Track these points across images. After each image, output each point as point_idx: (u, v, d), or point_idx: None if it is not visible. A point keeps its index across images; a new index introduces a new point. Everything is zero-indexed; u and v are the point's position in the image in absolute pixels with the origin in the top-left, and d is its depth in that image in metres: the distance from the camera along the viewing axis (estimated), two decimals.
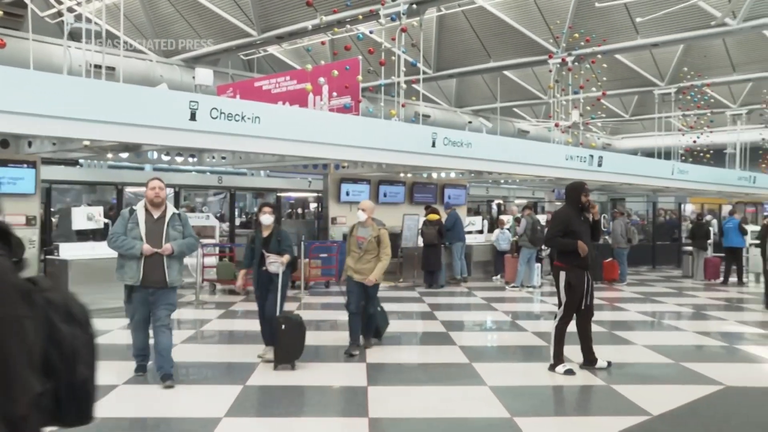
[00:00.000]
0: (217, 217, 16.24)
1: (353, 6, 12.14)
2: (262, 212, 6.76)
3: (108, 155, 11.70)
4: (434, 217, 13.26)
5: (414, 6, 11.95)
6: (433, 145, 11.36)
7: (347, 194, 14.53)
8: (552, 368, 6.35)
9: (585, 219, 6.53)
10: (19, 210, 9.96)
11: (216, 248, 13.42)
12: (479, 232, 16.31)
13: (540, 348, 7.53)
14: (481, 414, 5.17)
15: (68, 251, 9.86)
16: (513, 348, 8.18)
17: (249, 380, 5.95)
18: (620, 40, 15.19)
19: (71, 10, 9.72)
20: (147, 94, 8.44)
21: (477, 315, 10.81)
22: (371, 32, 12.65)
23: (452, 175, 16.32)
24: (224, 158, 12.78)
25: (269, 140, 9.19)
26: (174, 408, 5.28)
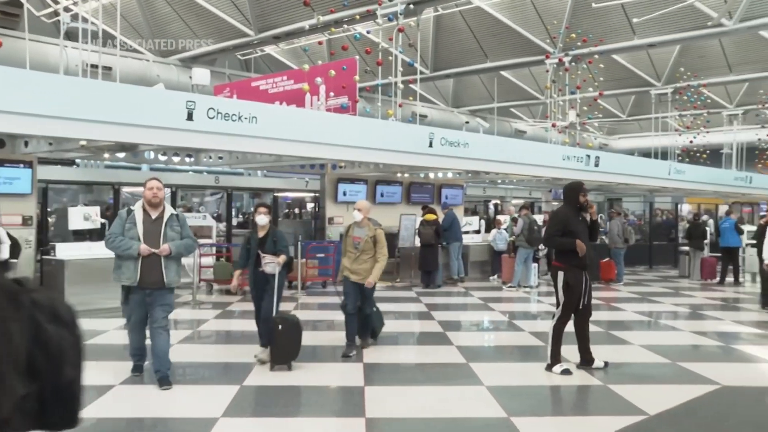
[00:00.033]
0: (214, 217, 16.21)
1: (350, 6, 12.14)
2: (258, 212, 6.74)
3: (105, 155, 11.69)
4: (431, 217, 13.27)
5: (411, 6, 11.96)
6: (430, 145, 11.36)
7: (344, 194, 14.52)
8: (549, 368, 6.36)
9: (583, 219, 6.54)
10: (16, 210, 9.94)
11: (213, 248, 13.42)
12: (476, 232, 16.33)
13: (537, 348, 7.53)
14: (478, 414, 5.17)
15: (65, 251, 9.85)
16: (510, 348, 8.19)
17: (246, 380, 5.94)
18: (617, 41, 15.21)
19: (67, 10, 9.70)
20: (144, 94, 8.42)
21: (474, 315, 10.82)
22: (368, 32, 12.65)
23: (449, 175, 16.33)
24: (221, 158, 12.77)
25: (266, 140, 9.18)
26: (171, 408, 5.27)
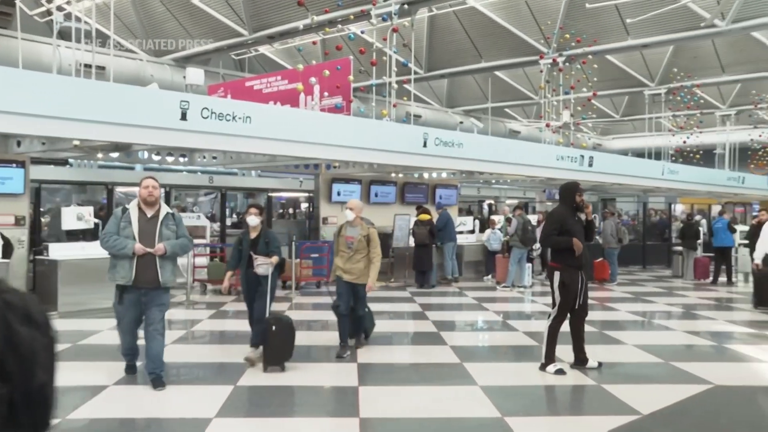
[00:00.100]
0: (208, 217, 16.18)
1: (344, 6, 12.13)
2: (249, 213, 6.72)
3: (98, 155, 11.64)
4: (425, 217, 13.28)
5: (405, 6, 11.96)
6: (425, 146, 11.37)
7: (338, 194, 14.52)
8: (543, 368, 6.37)
9: (579, 219, 6.56)
10: (8, 210, 9.90)
11: (207, 248, 13.40)
12: (470, 232, 16.34)
13: (531, 348, 7.55)
14: (472, 414, 5.17)
15: (58, 251, 9.82)
16: (504, 348, 8.20)
17: (240, 381, 5.93)
18: (611, 41, 15.25)
19: (60, 9, 9.66)
20: (137, 94, 8.39)
21: (468, 315, 10.83)
22: (362, 32, 12.66)
23: (443, 175, 16.34)
24: (215, 158, 12.74)
25: (260, 140, 9.16)
26: (165, 408, 5.26)
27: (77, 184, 17.49)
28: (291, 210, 22.39)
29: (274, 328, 6.19)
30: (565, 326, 6.50)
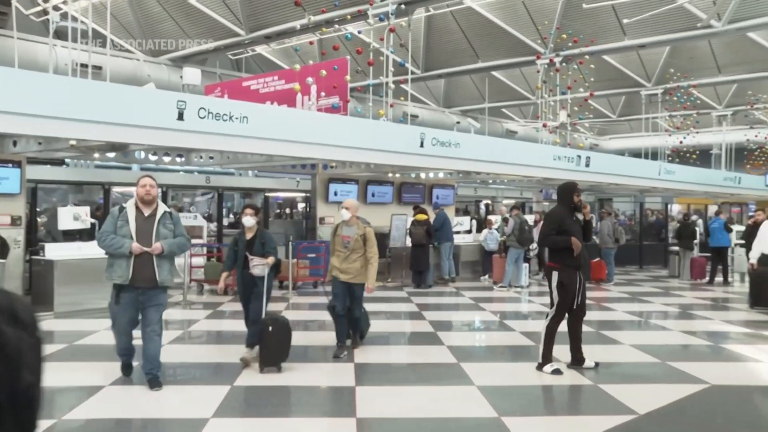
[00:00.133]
0: (205, 217, 16.17)
1: (341, 6, 12.14)
2: (244, 214, 6.69)
3: (95, 155, 11.62)
4: (422, 217, 13.28)
5: (402, 6, 11.97)
6: (422, 146, 11.37)
7: (335, 194, 14.51)
8: (540, 368, 6.37)
9: (576, 219, 6.56)
10: (4, 210, 9.87)
11: (204, 248, 13.38)
12: (467, 232, 16.35)
13: (528, 348, 7.56)
14: (469, 414, 5.18)
15: (54, 251, 9.79)
16: (501, 348, 8.20)
17: (237, 381, 5.92)
18: (608, 41, 15.28)
19: (57, 9, 9.64)
20: (134, 94, 8.38)
21: (465, 315, 10.83)
22: (359, 32, 12.65)
23: (440, 175, 16.35)
24: (212, 158, 12.73)
25: (257, 140, 9.16)
26: (161, 409, 5.25)
27: (74, 184, 17.46)
28: (288, 210, 22.38)
29: (271, 329, 6.16)
30: (563, 326, 6.50)
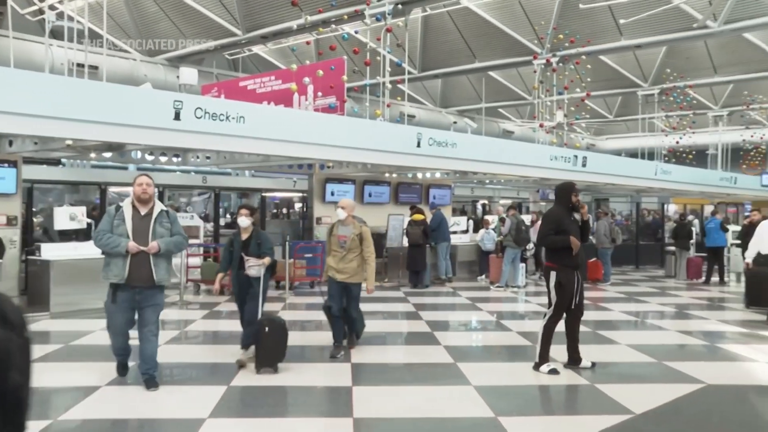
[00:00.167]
0: (202, 218, 16.14)
1: (338, 6, 12.13)
2: (239, 214, 6.65)
3: (91, 155, 11.60)
4: (419, 217, 13.28)
5: (399, 6, 11.97)
6: (418, 146, 11.38)
7: (332, 194, 14.50)
8: (536, 367, 6.38)
9: (574, 219, 6.57)
10: (0, 210, 9.86)
11: (200, 248, 13.37)
12: (464, 232, 16.36)
13: (525, 348, 7.57)
14: (466, 414, 5.18)
15: (50, 251, 9.77)
16: (498, 348, 8.21)
17: (233, 381, 5.92)
18: (604, 41, 15.30)
19: (53, 8, 9.62)
20: (131, 94, 8.37)
21: (462, 315, 10.84)
22: (356, 32, 12.64)
23: (437, 176, 16.35)
24: (209, 158, 12.71)
25: (254, 140, 9.15)
26: (158, 409, 5.24)
27: (70, 184, 17.41)
28: (285, 210, 22.36)
29: (267, 329, 6.14)
30: (560, 326, 6.51)
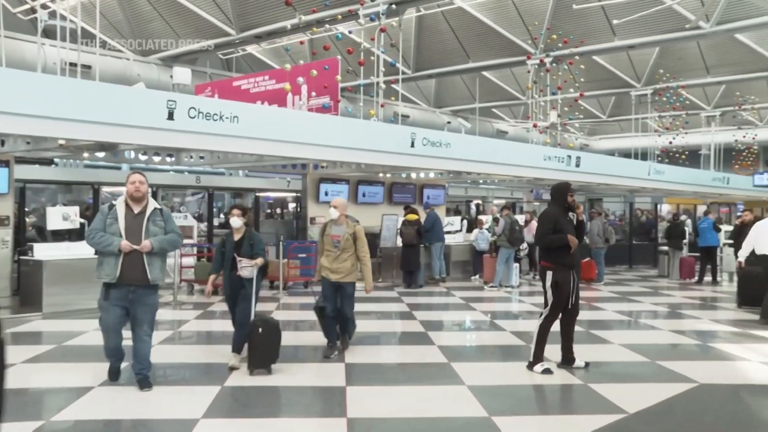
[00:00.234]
0: (195, 218, 16.11)
1: (332, 6, 12.13)
2: (231, 215, 6.57)
3: (84, 154, 11.55)
4: (413, 217, 13.29)
5: (393, 6, 11.98)
6: (412, 146, 11.38)
7: (326, 194, 14.49)
8: (530, 367, 6.39)
9: (570, 219, 6.58)
10: None
11: (194, 248, 13.32)
12: (458, 232, 16.37)
13: (518, 347, 7.58)
14: (460, 413, 5.18)
15: (43, 251, 9.73)
16: (491, 347, 8.22)
17: (227, 381, 5.90)
18: (597, 42, 15.36)
19: (45, 7, 9.58)
20: (124, 93, 8.34)
21: (456, 315, 10.84)
22: (350, 32, 12.65)
23: (431, 176, 16.37)
24: (202, 158, 12.69)
25: (248, 140, 9.13)
26: (151, 409, 5.22)
27: (63, 184, 17.36)
28: (278, 210, 22.34)
29: (261, 330, 6.11)
30: (554, 326, 6.52)
